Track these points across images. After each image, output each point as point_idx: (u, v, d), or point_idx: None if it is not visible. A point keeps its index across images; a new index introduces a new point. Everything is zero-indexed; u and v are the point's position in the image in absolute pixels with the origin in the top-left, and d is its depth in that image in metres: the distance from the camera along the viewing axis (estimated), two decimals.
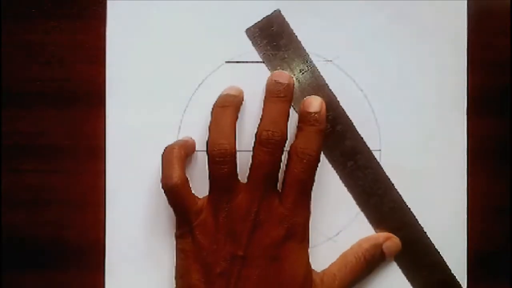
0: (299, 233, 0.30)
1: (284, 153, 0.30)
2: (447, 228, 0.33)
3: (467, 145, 0.33)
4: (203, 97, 0.33)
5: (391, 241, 0.33)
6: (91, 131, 0.33)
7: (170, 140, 0.32)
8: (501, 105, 0.33)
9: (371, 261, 0.32)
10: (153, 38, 0.33)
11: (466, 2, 0.33)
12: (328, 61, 0.33)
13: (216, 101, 0.31)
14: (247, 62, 0.33)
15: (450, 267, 0.33)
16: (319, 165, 0.30)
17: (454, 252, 0.33)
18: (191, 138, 0.33)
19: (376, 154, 0.33)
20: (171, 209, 0.32)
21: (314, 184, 0.31)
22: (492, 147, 0.33)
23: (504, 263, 0.33)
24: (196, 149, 0.33)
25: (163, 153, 0.31)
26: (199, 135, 0.33)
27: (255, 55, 0.33)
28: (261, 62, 0.33)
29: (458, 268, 0.33)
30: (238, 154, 0.30)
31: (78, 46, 0.33)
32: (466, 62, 0.33)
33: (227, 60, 0.33)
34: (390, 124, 0.33)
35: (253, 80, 0.33)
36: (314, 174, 0.30)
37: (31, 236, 0.33)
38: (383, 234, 0.33)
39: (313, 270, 0.31)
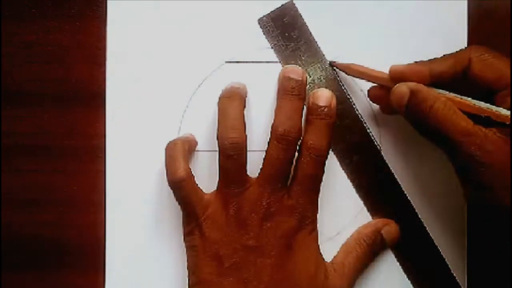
0: (309, 225, 0.30)
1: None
2: (446, 228, 0.33)
3: None
4: (203, 97, 0.33)
5: (390, 226, 0.33)
6: (91, 131, 0.33)
7: (170, 139, 0.32)
8: None
9: (372, 246, 0.32)
10: (153, 38, 0.33)
11: (466, 2, 0.33)
12: None
13: (222, 93, 0.31)
14: (247, 62, 0.33)
15: (449, 266, 0.33)
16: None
17: (453, 252, 0.33)
18: (192, 135, 0.33)
19: None
20: (171, 209, 0.32)
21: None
22: None
23: (504, 263, 0.33)
24: (197, 149, 0.33)
25: (166, 149, 0.31)
26: (199, 135, 0.33)
27: (255, 55, 0.33)
28: (261, 62, 0.33)
29: (458, 268, 0.33)
30: None
31: (78, 46, 0.33)
32: None
33: (227, 60, 0.33)
34: (390, 124, 0.33)
35: (253, 80, 0.33)
36: (323, 169, 0.30)
37: (31, 236, 0.33)
38: (381, 220, 0.33)
39: (325, 261, 0.31)
